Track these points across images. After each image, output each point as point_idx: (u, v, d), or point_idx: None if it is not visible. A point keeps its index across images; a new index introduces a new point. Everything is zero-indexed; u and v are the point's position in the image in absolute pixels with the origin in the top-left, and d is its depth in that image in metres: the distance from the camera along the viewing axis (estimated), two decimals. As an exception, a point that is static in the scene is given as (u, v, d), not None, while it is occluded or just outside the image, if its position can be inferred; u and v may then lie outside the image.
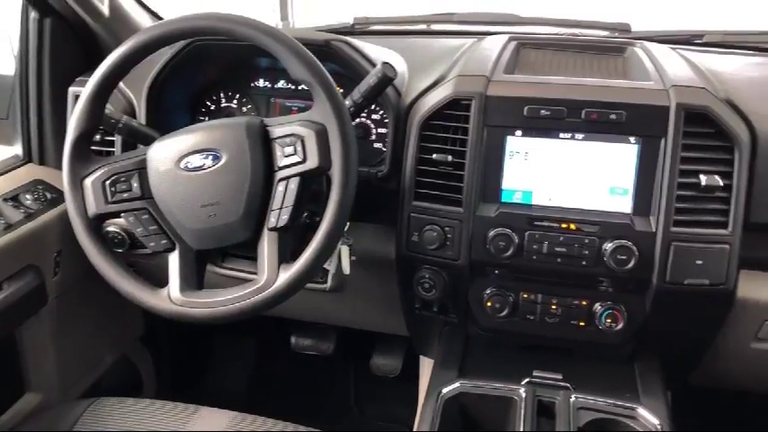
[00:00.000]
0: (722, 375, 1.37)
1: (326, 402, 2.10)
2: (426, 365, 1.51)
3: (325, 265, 1.23)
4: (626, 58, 1.39)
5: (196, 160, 1.07)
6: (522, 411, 1.11)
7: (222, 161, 1.06)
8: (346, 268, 1.25)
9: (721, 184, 1.10)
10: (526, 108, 1.15)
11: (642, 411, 1.12)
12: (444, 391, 1.16)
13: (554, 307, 1.22)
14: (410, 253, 1.23)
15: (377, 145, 1.38)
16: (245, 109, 1.47)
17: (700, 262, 1.11)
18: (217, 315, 1.05)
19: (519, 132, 1.17)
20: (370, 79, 1.14)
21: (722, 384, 1.45)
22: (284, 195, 1.03)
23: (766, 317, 1.22)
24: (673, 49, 1.41)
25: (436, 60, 1.37)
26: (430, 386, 1.20)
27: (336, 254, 1.23)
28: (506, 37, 1.45)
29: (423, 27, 1.75)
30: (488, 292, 1.23)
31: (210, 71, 1.45)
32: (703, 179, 1.10)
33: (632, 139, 1.13)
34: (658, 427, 1.08)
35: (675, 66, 1.26)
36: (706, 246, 1.11)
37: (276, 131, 1.06)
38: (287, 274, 1.02)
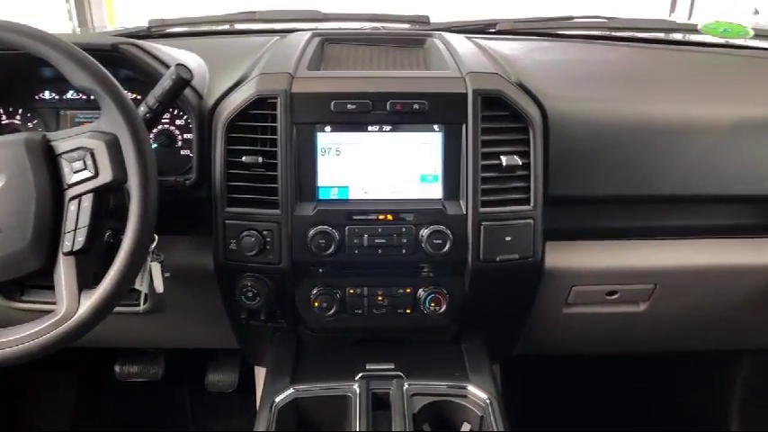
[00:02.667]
0: (541, 343, 1.46)
1: (163, 428, 1.98)
2: (261, 375, 1.46)
3: (137, 286, 1.14)
4: (426, 48, 1.43)
5: (-31, 186, 0.95)
6: (357, 407, 1.10)
7: (0, 184, 0.95)
8: (159, 286, 1.17)
9: (520, 163, 1.16)
10: (333, 103, 1.14)
11: (472, 388, 1.15)
12: (277, 399, 1.13)
13: (380, 298, 1.22)
14: (229, 262, 1.18)
15: (184, 152, 1.31)
16: (30, 125, 1.33)
17: (508, 238, 1.17)
18: (13, 355, 0.94)
19: (328, 128, 1.16)
20: (165, 82, 1.07)
21: (543, 351, 1.54)
22: (78, 215, 0.95)
23: (573, 283, 1.31)
24: (468, 38, 1.47)
25: (238, 59, 1.33)
26: (263, 397, 1.16)
27: (147, 272, 1.14)
28: (310, 33, 1.44)
29: (225, 27, 1.70)
30: (315, 292, 1.21)
31: (-17, 84, 1.30)
32: (504, 160, 1.15)
33: (436, 126, 1.16)
34: (487, 401, 1.12)
35: (470, 54, 1.31)
36: (512, 222, 1.17)
37: (62, 146, 0.97)
38: (90, 301, 0.94)
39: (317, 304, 1.21)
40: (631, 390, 1.94)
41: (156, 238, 1.11)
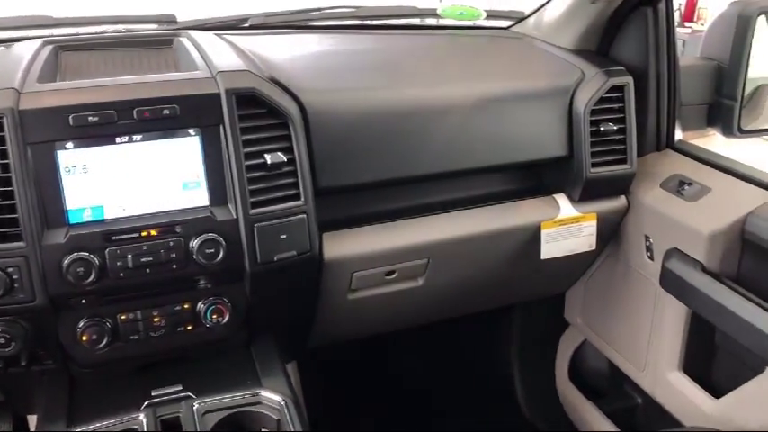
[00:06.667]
0: (332, 332, 1.48)
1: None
2: (35, 424, 1.32)
3: None
4: (174, 49, 1.36)
5: None
6: (146, 438, 1.03)
7: None
8: None
9: (285, 159, 1.15)
10: (71, 117, 1.04)
11: (265, 394, 1.13)
12: (52, 450, 1.02)
13: (157, 319, 1.15)
14: (-29, 309, 1.03)
15: None
16: None
17: (284, 236, 1.16)
18: None
19: (70, 145, 1.05)
20: None
21: (335, 339, 1.56)
22: None
23: (353, 269, 1.33)
24: (218, 35, 1.43)
25: None
26: (35, 449, 1.04)
27: None
28: (40, 41, 1.30)
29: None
30: (81, 325, 1.10)
31: None
32: (268, 158, 1.13)
33: (192, 131, 1.11)
34: (281, 403, 1.11)
35: (220, 52, 1.27)
36: (286, 220, 1.16)
37: None
38: None
39: (84, 338, 1.10)
40: (425, 359, 2.05)
41: None
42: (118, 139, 1.07)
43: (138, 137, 1.08)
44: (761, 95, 1.59)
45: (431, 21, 1.81)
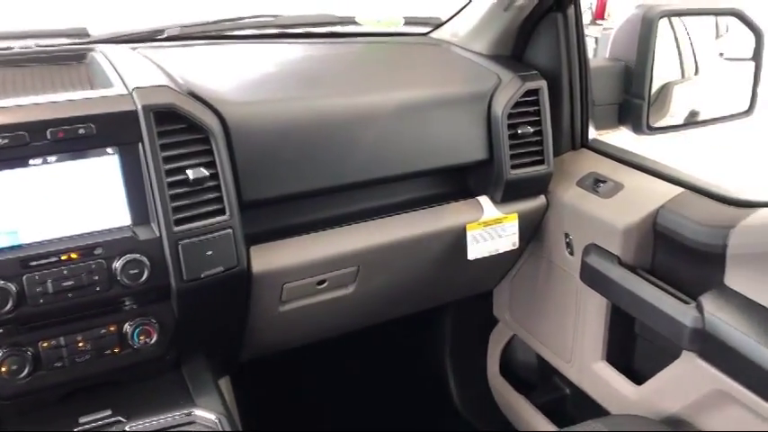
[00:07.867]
0: (265, 345, 1.47)
1: None
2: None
3: None
4: (87, 65, 1.33)
5: None
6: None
7: None
8: None
9: (208, 174, 1.13)
10: None
11: (199, 412, 1.12)
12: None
13: (81, 344, 1.11)
14: None
15: None
16: None
17: (210, 252, 1.14)
18: None
19: None
20: None
21: (268, 352, 1.55)
22: None
23: (284, 281, 1.33)
24: (134, 48, 1.40)
25: None
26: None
27: None
28: None
29: None
30: None
31: None
32: (190, 173, 1.12)
33: (110, 149, 1.08)
34: (216, 420, 1.10)
35: (136, 67, 1.24)
36: (211, 236, 1.14)
37: None
38: None
39: (3, 369, 1.06)
40: (359, 363, 2.06)
41: None
42: (31, 162, 1.04)
43: (53, 158, 1.05)
44: (666, 94, 1.68)
45: (350, 28, 1.81)
